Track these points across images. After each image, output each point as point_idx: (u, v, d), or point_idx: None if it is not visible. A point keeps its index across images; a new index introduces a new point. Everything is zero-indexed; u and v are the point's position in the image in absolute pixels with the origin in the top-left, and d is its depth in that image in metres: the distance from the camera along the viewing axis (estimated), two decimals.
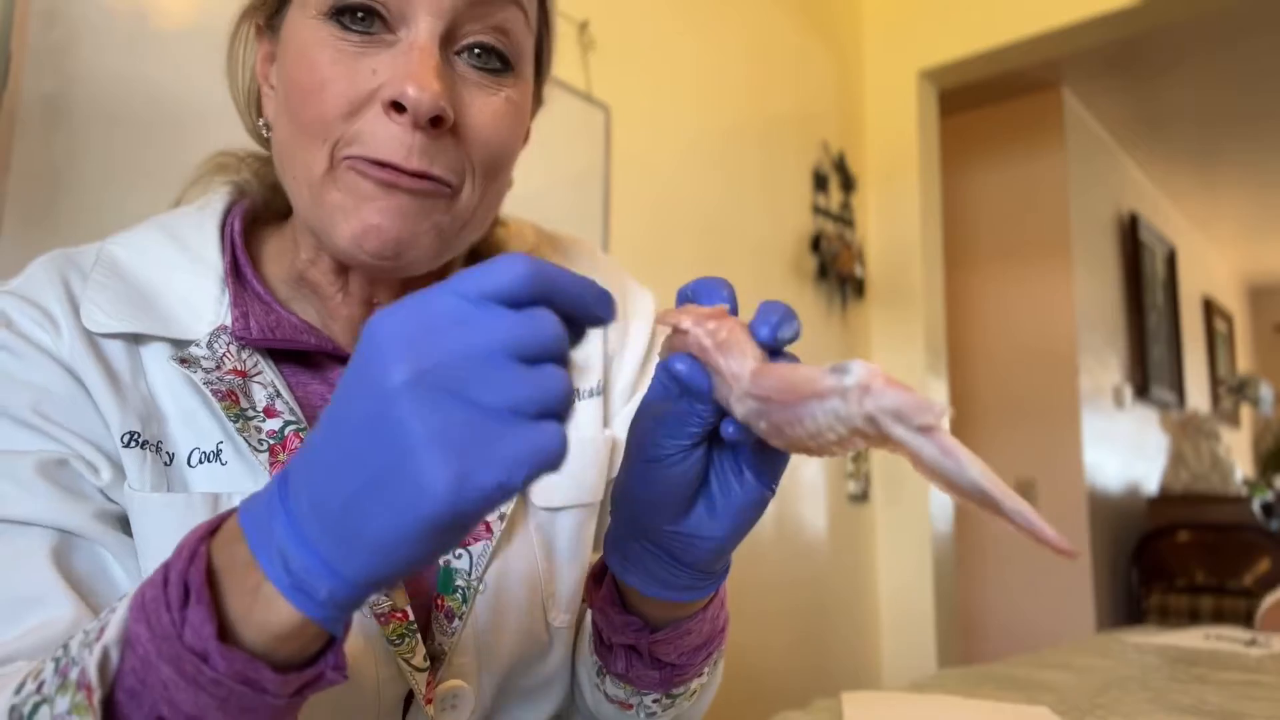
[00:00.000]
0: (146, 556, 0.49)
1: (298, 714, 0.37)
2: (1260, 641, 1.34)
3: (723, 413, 0.41)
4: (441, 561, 0.54)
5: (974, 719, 0.85)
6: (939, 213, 2.69)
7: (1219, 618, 3.14)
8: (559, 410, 0.30)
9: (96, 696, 0.33)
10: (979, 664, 1.17)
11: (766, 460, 0.43)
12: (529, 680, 0.59)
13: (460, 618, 0.54)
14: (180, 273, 0.55)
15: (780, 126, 2.39)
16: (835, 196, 2.54)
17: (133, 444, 0.49)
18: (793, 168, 2.43)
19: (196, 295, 0.54)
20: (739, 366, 0.38)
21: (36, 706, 0.34)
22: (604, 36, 1.84)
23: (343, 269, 0.57)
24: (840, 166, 2.57)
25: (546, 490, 0.58)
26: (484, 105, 0.51)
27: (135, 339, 0.52)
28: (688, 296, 0.43)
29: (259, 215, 0.62)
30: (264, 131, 0.57)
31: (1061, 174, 3.43)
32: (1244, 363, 5.99)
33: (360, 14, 0.49)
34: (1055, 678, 1.04)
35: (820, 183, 2.49)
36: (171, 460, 0.51)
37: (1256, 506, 3.69)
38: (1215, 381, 5.04)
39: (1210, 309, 5.15)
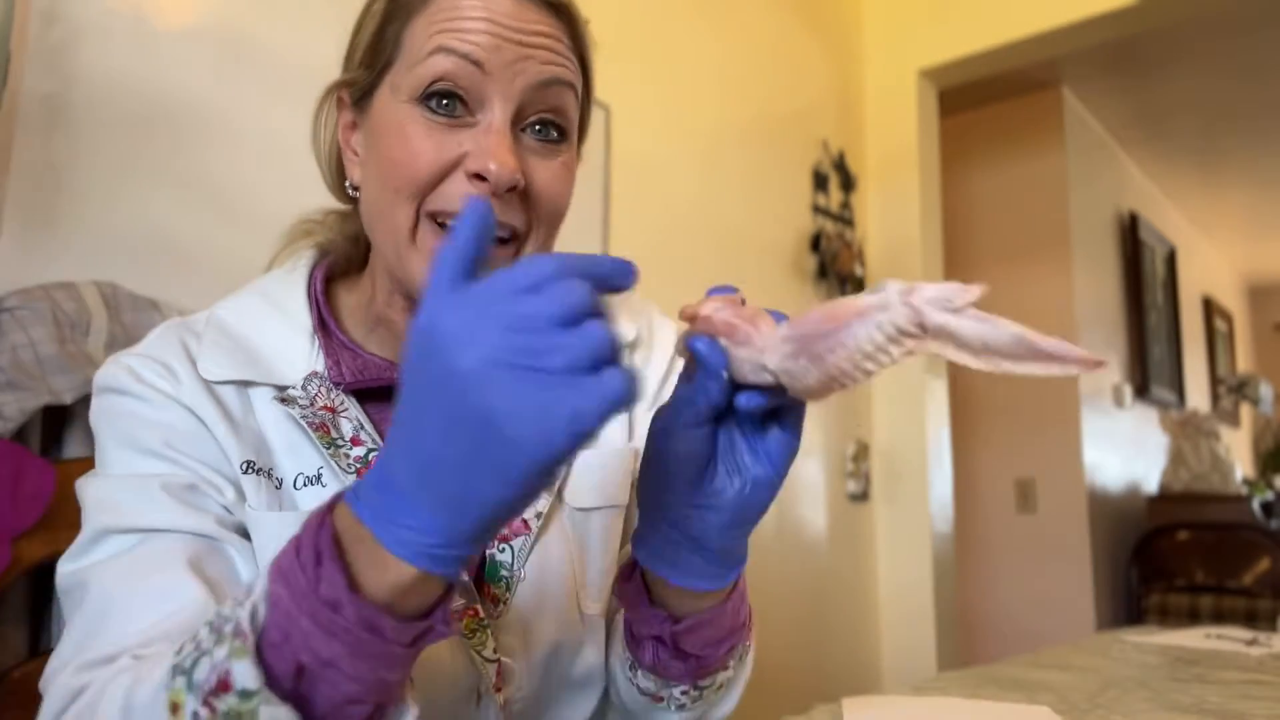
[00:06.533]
0: (267, 563, 0.56)
1: (413, 663, 0.42)
2: (1260, 641, 1.34)
3: (731, 394, 0.47)
4: (487, 554, 0.62)
5: None
6: (939, 212, 2.69)
7: (1219, 617, 3.14)
8: (612, 357, 0.35)
9: (250, 641, 0.38)
10: (979, 664, 1.17)
11: (773, 441, 0.48)
12: (568, 671, 0.65)
13: (504, 603, 0.62)
14: (277, 331, 0.64)
15: (780, 125, 2.39)
16: (835, 196, 2.54)
17: (250, 471, 0.59)
18: (792, 167, 2.43)
19: (291, 349, 0.64)
20: (767, 328, 0.44)
21: (197, 660, 0.40)
22: (604, 36, 1.83)
23: (414, 306, 0.63)
24: (840, 166, 2.57)
25: (579, 492, 0.67)
26: (546, 169, 0.60)
27: (244, 384, 0.61)
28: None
29: (337, 271, 0.71)
30: (351, 192, 0.66)
31: (1061, 173, 3.42)
32: (1244, 362, 5.98)
33: (445, 100, 0.58)
34: (1055, 678, 1.04)
35: (820, 182, 2.49)
36: (280, 485, 0.60)
37: (1256, 506, 3.69)
38: (1215, 381, 5.04)
39: (1210, 308, 5.15)
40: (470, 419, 0.34)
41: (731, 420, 0.49)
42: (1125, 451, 3.69)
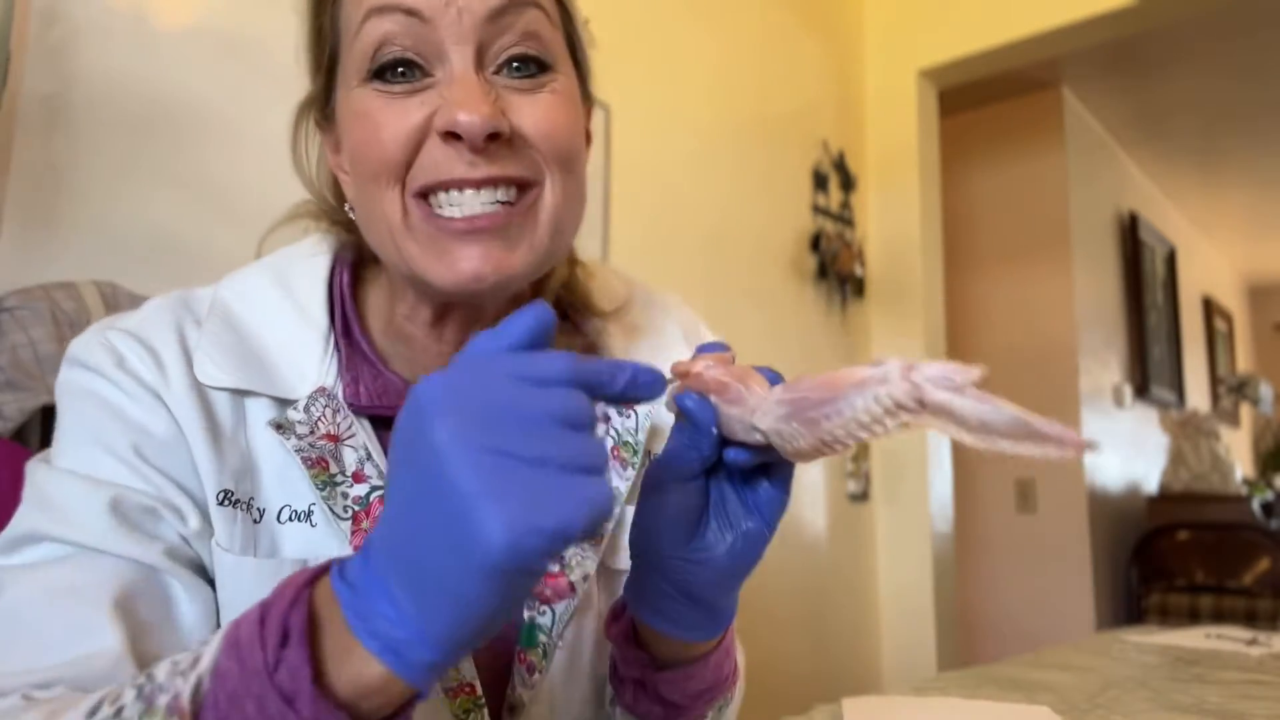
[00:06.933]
0: (231, 612, 0.50)
1: None
2: (1260, 641, 1.34)
3: (720, 448, 0.47)
4: (526, 617, 0.56)
5: None
6: (939, 212, 2.69)
7: (1219, 617, 3.14)
8: (602, 469, 0.33)
9: None
10: (979, 664, 1.17)
11: (763, 494, 0.48)
12: None
13: (540, 671, 0.56)
14: (288, 329, 0.57)
15: (780, 126, 2.39)
16: (835, 196, 2.54)
17: (225, 503, 0.51)
18: (793, 167, 2.43)
19: (302, 355, 0.56)
20: (759, 388, 0.44)
21: None
22: (604, 36, 1.83)
23: (439, 319, 0.59)
24: (840, 166, 2.56)
25: (615, 552, 0.61)
26: (533, 104, 0.52)
27: (242, 393, 0.54)
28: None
29: (363, 261, 0.63)
30: (350, 214, 0.59)
31: (1061, 173, 3.42)
32: (1244, 362, 5.98)
33: (397, 68, 0.51)
34: (1055, 678, 1.04)
35: (820, 182, 2.49)
36: (261, 517, 0.52)
37: (1256, 506, 3.69)
38: (1215, 381, 5.03)
39: (1210, 308, 5.15)
40: (439, 495, 0.31)
41: (723, 474, 0.48)
42: (1125, 451, 3.69)
